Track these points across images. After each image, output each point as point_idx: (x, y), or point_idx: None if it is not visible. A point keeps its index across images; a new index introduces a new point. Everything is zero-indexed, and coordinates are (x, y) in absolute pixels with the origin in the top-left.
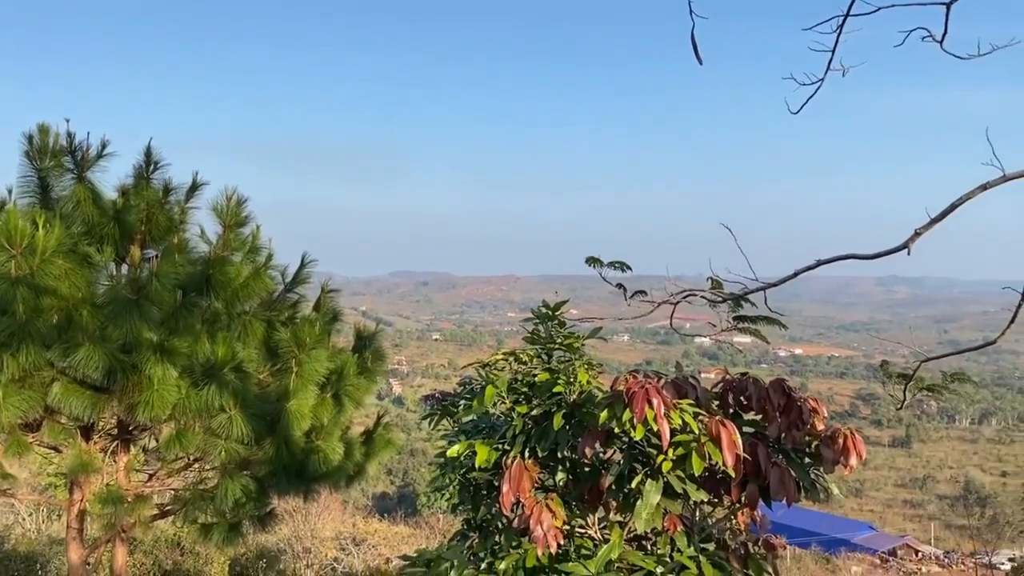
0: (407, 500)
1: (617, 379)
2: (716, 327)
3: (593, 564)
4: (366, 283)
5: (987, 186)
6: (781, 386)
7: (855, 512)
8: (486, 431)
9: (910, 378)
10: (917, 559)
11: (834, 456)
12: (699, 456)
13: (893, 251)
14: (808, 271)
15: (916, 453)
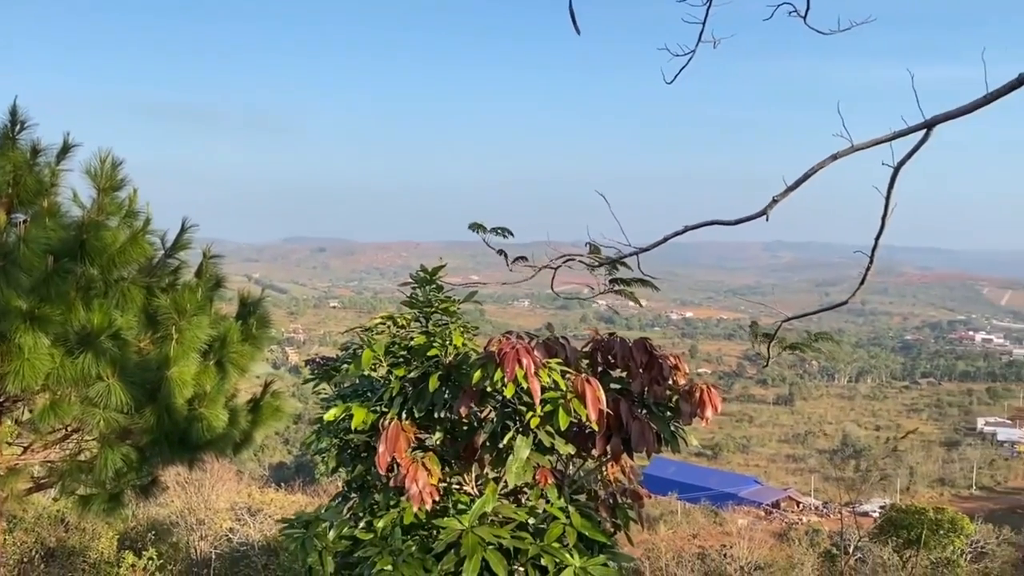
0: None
1: (490, 340)
2: (594, 291)
3: (467, 518)
4: (259, 249)
5: (837, 156)
6: (644, 345)
7: (742, 467)
8: (367, 395)
9: (773, 336)
10: (798, 510)
11: (691, 409)
12: (565, 412)
13: (752, 217)
14: (677, 236)
15: (798, 410)
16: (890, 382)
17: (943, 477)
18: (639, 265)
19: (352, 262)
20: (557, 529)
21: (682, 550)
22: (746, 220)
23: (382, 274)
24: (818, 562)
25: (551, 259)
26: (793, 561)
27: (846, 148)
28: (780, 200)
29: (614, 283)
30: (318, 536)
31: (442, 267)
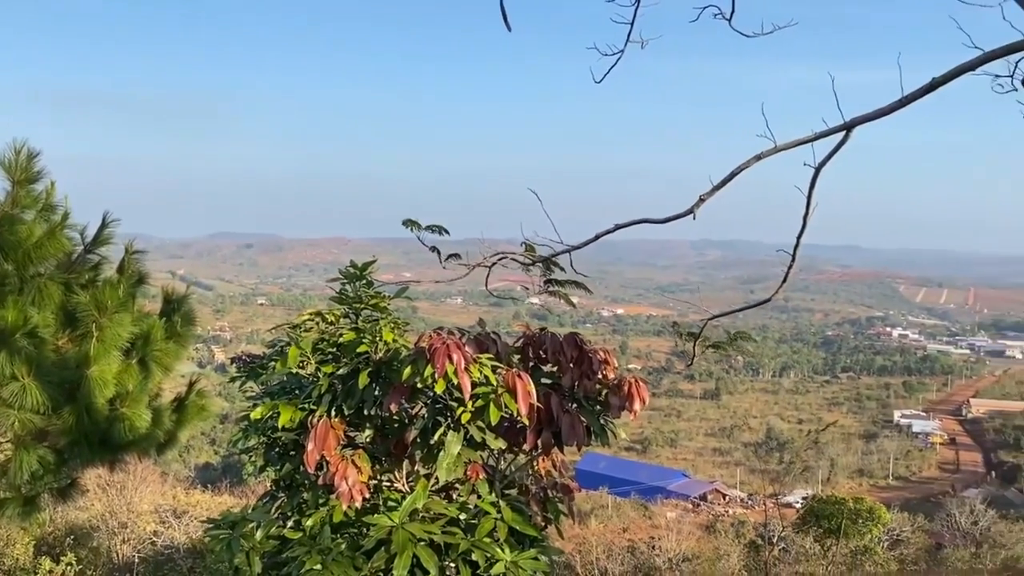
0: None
1: (421, 336)
2: (529, 290)
3: (398, 515)
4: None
5: (761, 156)
6: (574, 339)
7: (671, 461)
8: (295, 392)
9: (698, 335)
10: (725, 502)
11: (620, 402)
12: (496, 407)
13: (680, 216)
14: (608, 234)
15: (725, 404)
16: (812, 376)
17: (862, 468)
18: (571, 263)
19: (280, 258)
20: (488, 524)
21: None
22: (674, 218)
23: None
24: (743, 553)
25: (485, 257)
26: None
27: (769, 148)
28: (707, 199)
29: (548, 284)
30: (245, 536)
31: (372, 263)
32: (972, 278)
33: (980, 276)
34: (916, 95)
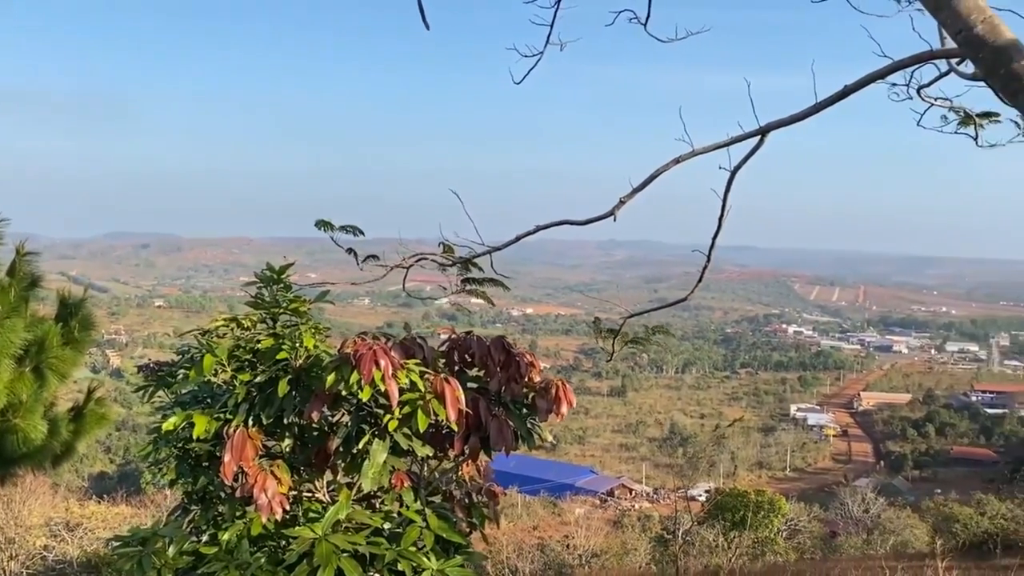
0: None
1: (345, 342)
2: (447, 290)
3: (320, 526)
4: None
5: (679, 159)
6: (502, 343)
7: (579, 458)
8: (207, 401)
9: (617, 332)
10: (631, 497)
11: (548, 406)
12: (424, 413)
13: (601, 217)
14: (529, 235)
15: (630, 401)
16: (713, 373)
17: (761, 461)
18: (492, 264)
19: (179, 259)
20: (414, 532)
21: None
22: (595, 220)
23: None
24: (650, 547)
25: (404, 258)
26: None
27: (688, 152)
28: (627, 201)
29: (466, 283)
30: (156, 553)
31: (290, 265)
32: (861, 277)
33: (869, 275)
34: (829, 101)
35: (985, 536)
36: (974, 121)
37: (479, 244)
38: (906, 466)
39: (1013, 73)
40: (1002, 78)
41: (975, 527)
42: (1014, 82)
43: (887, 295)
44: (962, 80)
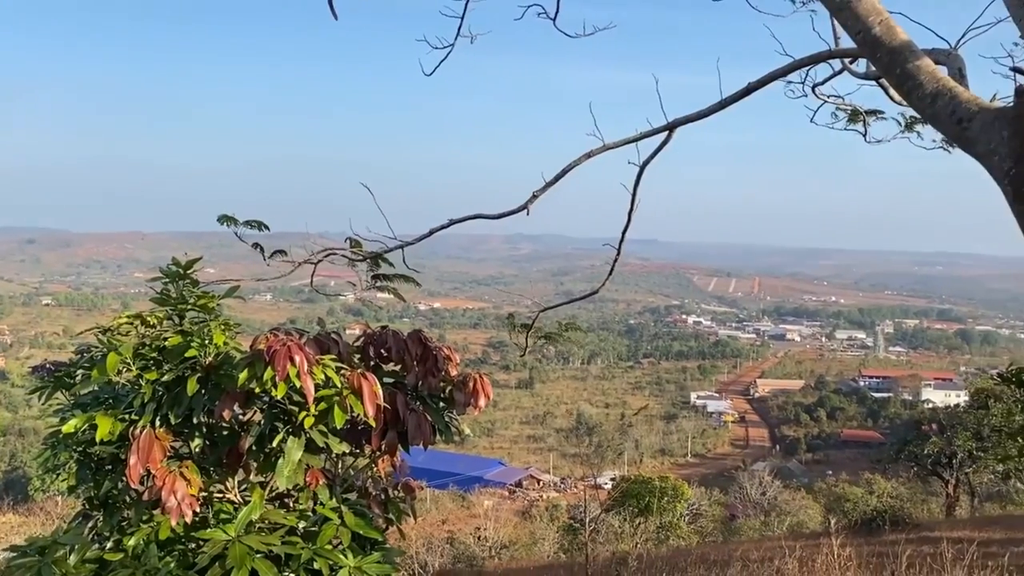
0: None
1: (257, 338)
2: (356, 285)
3: (233, 527)
4: None
5: (591, 154)
6: (419, 337)
7: (487, 451)
8: (109, 402)
9: (530, 327)
10: (539, 487)
11: (465, 399)
12: (341, 409)
13: (515, 211)
14: (442, 229)
15: (538, 393)
16: (617, 363)
17: (664, 448)
18: (404, 258)
19: (68, 255)
20: (330, 530)
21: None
22: (508, 214)
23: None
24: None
25: (312, 253)
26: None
27: (599, 147)
28: (540, 195)
29: (377, 278)
30: (56, 563)
31: (197, 260)
32: (756, 268)
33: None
34: (734, 98)
35: (874, 514)
36: (863, 118)
37: (390, 238)
38: (800, 449)
39: (908, 72)
40: (898, 77)
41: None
42: (909, 81)
43: (780, 286)
44: (854, 79)
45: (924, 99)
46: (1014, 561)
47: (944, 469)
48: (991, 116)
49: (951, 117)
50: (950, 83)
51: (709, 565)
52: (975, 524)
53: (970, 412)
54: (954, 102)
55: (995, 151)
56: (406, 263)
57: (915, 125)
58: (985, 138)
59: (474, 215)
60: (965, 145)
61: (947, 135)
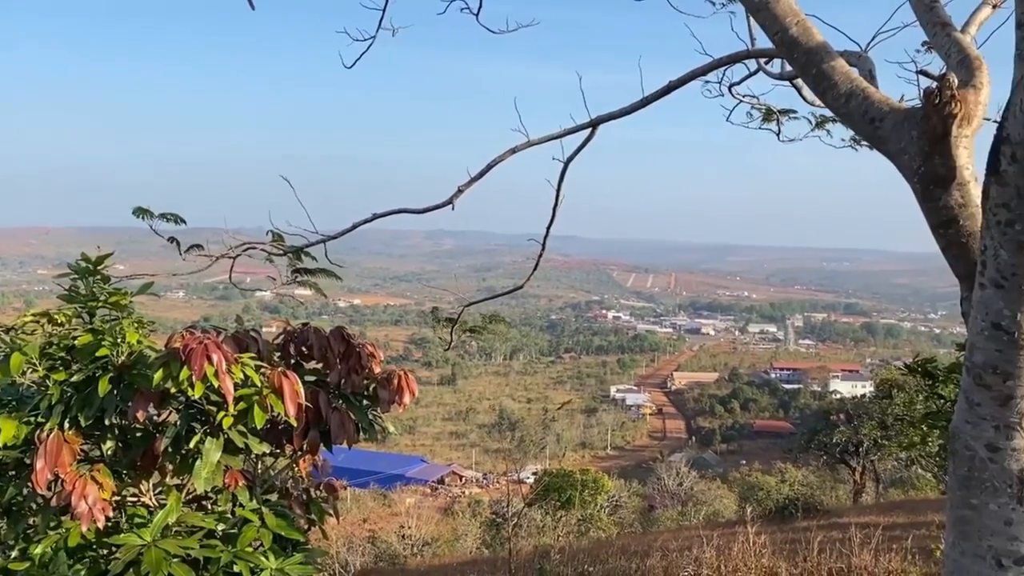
0: None
1: (172, 336)
2: (277, 281)
3: (148, 532)
4: None
5: (515, 150)
6: (341, 334)
7: (409, 448)
8: (13, 404)
9: (455, 322)
10: (462, 483)
11: (390, 396)
12: (261, 409)
13: (440, 206)
14: (366, 224)
15: (460, 389)
16: (539, 358)
17: (584, 441)
18: (326, 253)
19: None
20: (251, 532)
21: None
22: (433, 208)
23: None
24: (481, 531)
25: (229, 248)
26: (459, 533)
27: (523, 143)
28: (465, 190)
29: (298, 273)
30: None
31: (109, 255)
32: (673, 264)
33: (679, 262)
34: (655, 96)
35: (787, 502)
36: (777, 117)
37: (312, 233)
38: (715, 440)
39: (823, 72)
40: (814, 77)
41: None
42: (824, 81)
43: (695, 281)
44: (768, 79)
45: (838, 99)
46: (917, 544)
47: (851, 457)
48: (901, 116)
49: (864, 116)
50: (863, 83)
51: (630, 556)
52: (880, 509)
53: (875, 402)
54: (867, 102)
55: (905, 150)
56: (328, 258)
57: (825, 124)
58: (896, 137)
59: (398, 209)
60: (877, 143)
61: (860, 134)
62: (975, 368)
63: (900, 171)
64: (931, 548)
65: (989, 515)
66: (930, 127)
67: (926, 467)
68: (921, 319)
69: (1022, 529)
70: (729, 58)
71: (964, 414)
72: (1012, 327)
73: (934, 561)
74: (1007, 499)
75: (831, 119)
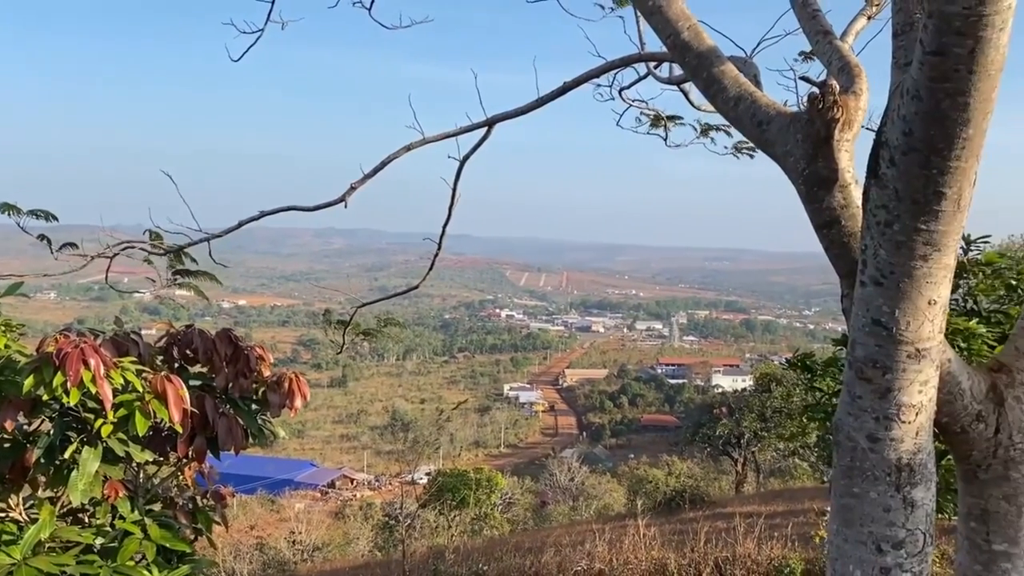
0: None
1: (45, 340)
2: (156, 282)
3: (19, 549)
4: None
5: (410, 147)
6: (228, 336)
7: (298, 452)
8: None
9: (348, 323)
10: (353, 487)
11: (281, 400)
12: (143, 415)
13: (332, 204)
14: (253, 221)
15: (352, 391)
16: (432, 358)
17: (478, 440)
18: (210, 252)
19: None
20: (132, 545)
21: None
22: (324, 206)
23: None
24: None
25: (106, 246)
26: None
27: (418, 140)
28: (358, 187)
29: (179, 274)
30: None
31: None
32: (564, 263)
33: (570, 261)
34: (550, 97)
35: (674, 494)
36: (665, 123)
37: (195, 231)
38: (605, 435)
39: (713, 76)
40: (704, 81)
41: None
42: (714, 84)
43: (586, 280)
44: (657, 84)
45: (728, 102)
46: (796, 531)
47: (733, 449)
48: (787, 120)
49: (752, 120)
50: (751, 88)
51: (524, 552)
52: (761, 499)
53: (755, 395)
54: (755, 106)
55: (790, 152)
56: (213, 258)
57: (709, 132)
58: (782, 140)
59: (287, 207)
60: (764, 146)
61: (748, 137)
62: (856, 362)
63: (786, 173)
64: (810, 535)
65: (870, 502)
66: (814, 131)
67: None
68: (796, 316)
69: (899, 515)
70: (621, 61)
71: (847, 406)
72: (891, 323)
73: (812, 547)
74: (886, 487)
75: (715, 126)
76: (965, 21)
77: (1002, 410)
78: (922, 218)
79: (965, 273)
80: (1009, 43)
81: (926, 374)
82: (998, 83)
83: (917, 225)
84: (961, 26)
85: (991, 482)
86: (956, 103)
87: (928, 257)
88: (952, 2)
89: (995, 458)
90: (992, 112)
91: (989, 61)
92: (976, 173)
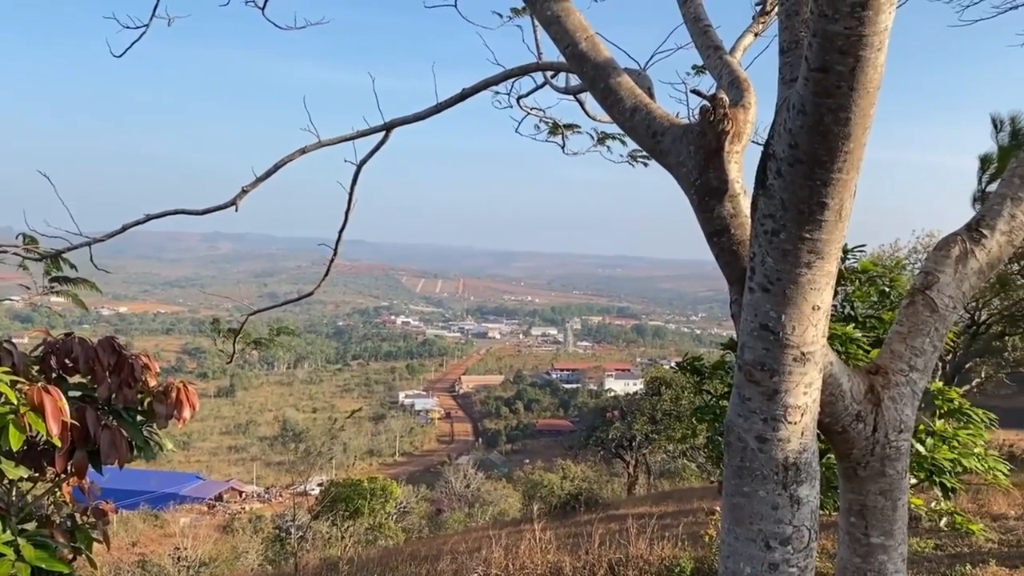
0: None
1: None
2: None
3: None
4: None
5: (305, 150)
6: (111, 344)
7: (183, 465)
8: None
9: (238, 332)
10: (241, 500)
11: (168, 411)
12: (18, 429)
13: (222, 207)
14: (137, 225)
15: (240, 401)
16: (325, 366)
17: (372, 448)
18: (91, 256)
19: None
20: (5, 567)
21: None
22: (214, 210)
23: None
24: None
25: None
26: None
27: (314, 143)
28: (250, 190)
29: (56, 281)
30: None
31: None
32: (461, 269)
33: (467, 268)
34: (449, 103)
35: (569, 497)
36: (562, 131)
37: (75, 235)
38: (500, 441)
39: (610, 87)
40: (601, 91)
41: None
42: (611, 95)
43: (482, 286)
44: (555, 93)
45: (624, 112)
46: (686, 530)
47: (625, 451)
48: (680, 131)
49: (647, 130)
50: (646, 99)
51: (420, 561)
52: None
53: (646, 398)
54: (650, 117)
55: (683, 163)
56: (93, 262)
57: (606, 140)
58: (675, 151)
59: (175, 210)
60: (658, 156)
61: (643, 147)
62: (746, 366)
63: (679, 183)
64: (699, 534)
65: (759, 501)
66: (706, 142)
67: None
68: (684, 321)
69: (787, 512)
70: (520, 69)
71: (737, 408)
72: (778, 328)
73: (701, 545)
74: (774, 485)
75: (612, 135)
76: (847, 40)
77: (879, 410)
78: (807, 227)
79: (843, 280)
80: (885, 64)
81: (811, 376)
82: (876, 100)
83: (802, 234)
84: (843, 45)
85: (869, 479)
86: (838, 118)
87: (812, 264)
88: (835, 22)
89: (873, 456)
90: (870, 127)
91: (868, 79)
92: (856, 185)
